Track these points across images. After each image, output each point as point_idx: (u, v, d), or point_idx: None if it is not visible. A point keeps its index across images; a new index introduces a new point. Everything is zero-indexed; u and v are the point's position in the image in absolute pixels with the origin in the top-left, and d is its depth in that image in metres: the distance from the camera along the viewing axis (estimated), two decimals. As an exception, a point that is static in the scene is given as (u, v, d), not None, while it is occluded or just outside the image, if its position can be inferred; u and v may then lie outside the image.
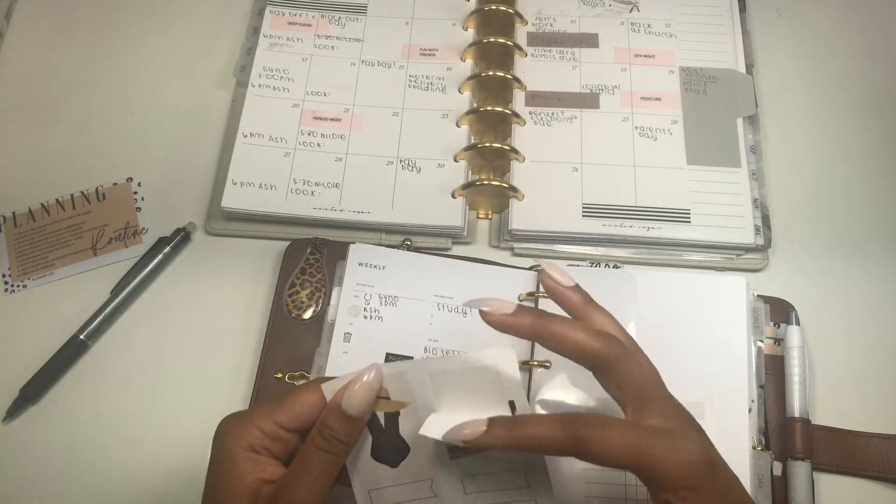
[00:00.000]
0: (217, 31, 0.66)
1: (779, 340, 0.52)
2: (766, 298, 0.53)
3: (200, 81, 0.64)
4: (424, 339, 0.51)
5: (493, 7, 0.63)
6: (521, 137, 0.59)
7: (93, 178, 0.60)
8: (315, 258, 0.54)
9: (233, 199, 0.56)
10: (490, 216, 0.58)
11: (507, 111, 0.59)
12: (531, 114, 0.60)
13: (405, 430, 0.36)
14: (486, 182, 0.56)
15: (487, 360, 0.35)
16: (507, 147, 0.57)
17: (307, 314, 0.53)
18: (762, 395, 0.49)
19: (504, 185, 0.56)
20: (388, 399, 0.36)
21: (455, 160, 0.58)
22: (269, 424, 0.35)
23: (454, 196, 0.57)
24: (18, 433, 0.51)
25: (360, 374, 0.35)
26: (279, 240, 0.56)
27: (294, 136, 0.59)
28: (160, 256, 0.56)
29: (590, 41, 0.64)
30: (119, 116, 0.63)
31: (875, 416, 0.51)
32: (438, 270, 0.53)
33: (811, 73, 0.64)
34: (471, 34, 0.64)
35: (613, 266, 0.54)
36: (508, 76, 0.60)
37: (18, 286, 0.56)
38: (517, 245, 0.56)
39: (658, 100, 0.60)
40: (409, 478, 0.37)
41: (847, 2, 0.67)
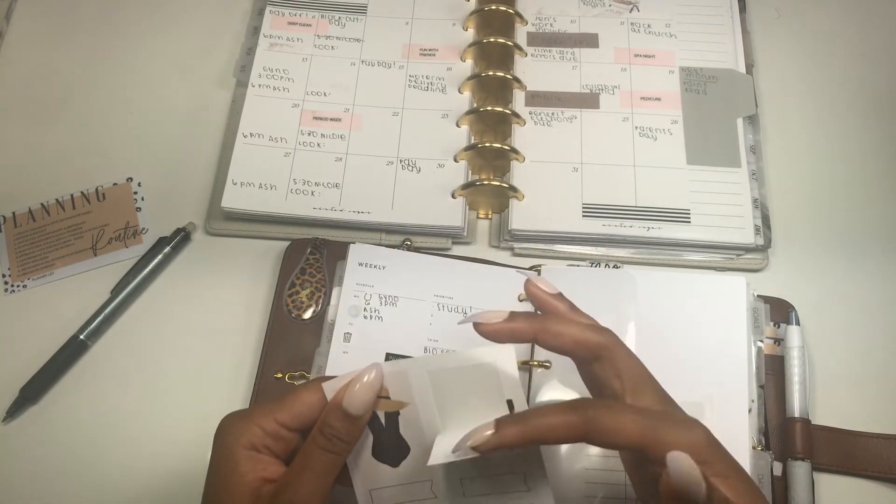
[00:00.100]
0: (217, 31, 0.66)
1: (779, 340, 0.52)
2: (766, 298, 0.53)
3: (200, 81, 0.64)
4: (424, 339, 0.51)
5: (493, 7, 0.63)
6: (521, 137, 0.59)
7: (93, 178, 0.60)
8: (315, 258, 0.54)
9: (233, 199, 0.56)
10: (490, 216, 0.58)
11: (507, 111, 0.59)
12: (531, 114, 0.60)
13: (405, 430, 0.36)
14: (486, 182, 0.56)
15: (486, 357, 0.35)
16: (507, 147, 0.57)
17: (307, 314, 0.53)
18: (762, 395, 0.49)
19: (504, 185, 0.56)
20: (389, 398, 0.36)
21: (455, 160, 0.58)
22: (271, 423, 0.35)
23: (454, 196, 0.57)
24: (18, 433, 0.51)
25: (361, 374, 0.35)
26: (279, 240, 0.56)
27: (294, 136, 0.59)
28: (160, 256, 0.56)
29: (590, 41, 0.64)
30: (119, 116, 0.63)
31: (875, 416, 0.51)
32: (438, 270, 0.53)
33: (811, 73, 0.64)
34: (471, 34, 0.64)
35: (613, 266, 0.54)
36: (508, 76, 0.60)
37: (18, 286, 0.56)
38: (517, 245, 0.56)
39: (658, 100, 0.60)
40: (409, 478, 0.37)
41: (847, 2, 0.67)
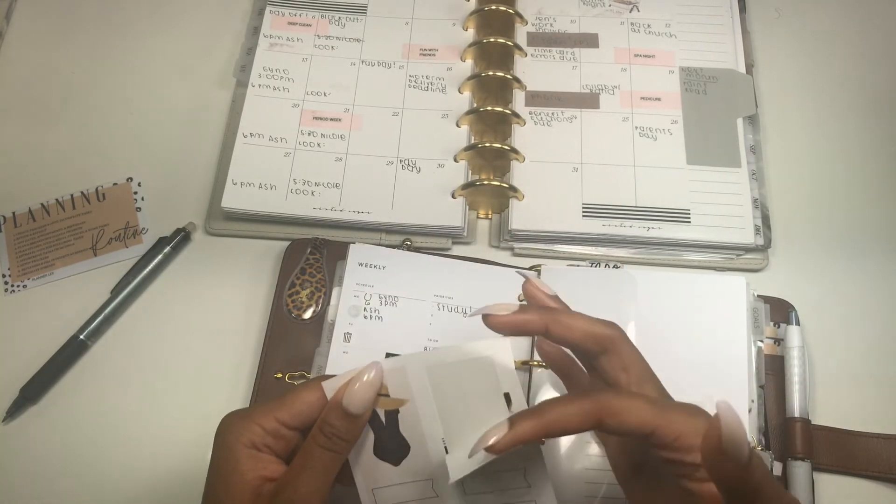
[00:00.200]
0: (217, 31, 0.66)
1: (779, 340, 0.52)
2: (766, 298, 0.53)
3: (200, 81, 0.64)
4: (424, 339, 0.51)
5: (493, 7, 0.63)
6: (521, 137, 0.59)
7: (93, 178, 0.60)
8: (315, 258, 0.54)
9: (233, 199, 0.56)
10: (490, 216, 0.58)
11: (507, 111, 0.59)
12: (531, 114, 0.60)
13: (405, 428, 0.36)
14: (486, 182, 0.56)
15: (483, 350, 0.36)
16: (507, 147, 0.57)
17: (307, 314, 0.53)
18: (762, 395, 0.49)
19: (504, 185, 0.56)
20: (388, 396, 0.36)
21: (455, 160, 0.58)
22: (271, 422, 0.35)
23: (454, 196, 0.57)
24: (18, 433, 0.51)
25: (361, 372, 0.35)
26: (279, 240, 0.56)
27: (294, 136, 0.59)
28: (160, 256, 0.56)
29: (590, 41, 0.64)
30: (119, 116, 0.63)
31: (875, 416, 0.51)
32: (438, 270, 0.53)
33: (811, 73, 0.64)
34: (471, 34, 0.64)
35: (613, 266, 0.54)
36: (508, 76, 0.60)
37: (18, 286, 0.56)
38: (517, 245, 0.56)
39: (658, 100, 0.60)
40: (411, 477, 0.37)
41: (847, 2, 0.67)
